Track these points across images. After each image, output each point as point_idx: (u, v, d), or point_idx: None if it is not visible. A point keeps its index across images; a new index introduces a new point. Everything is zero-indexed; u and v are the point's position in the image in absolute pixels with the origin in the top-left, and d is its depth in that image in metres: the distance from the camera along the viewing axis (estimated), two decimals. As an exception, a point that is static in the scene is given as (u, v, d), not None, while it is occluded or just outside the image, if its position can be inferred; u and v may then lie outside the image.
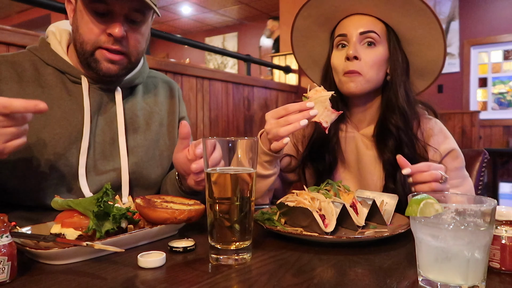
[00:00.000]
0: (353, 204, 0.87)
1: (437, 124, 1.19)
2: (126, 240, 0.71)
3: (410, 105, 1.14)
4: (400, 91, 1.13)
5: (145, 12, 1.01)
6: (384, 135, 1.14)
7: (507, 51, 6.67)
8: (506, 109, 6.70)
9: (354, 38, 1.11)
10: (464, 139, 5.44)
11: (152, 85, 1.22)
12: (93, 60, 1.00)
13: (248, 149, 0.68)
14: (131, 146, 1.10)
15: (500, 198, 5.96)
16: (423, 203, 0.55)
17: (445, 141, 1.16)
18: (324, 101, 0.94)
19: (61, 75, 1.05)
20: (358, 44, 1.11)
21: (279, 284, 0.57)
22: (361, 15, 1.14)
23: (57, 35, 1.08)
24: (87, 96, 1.04)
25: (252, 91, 3.28)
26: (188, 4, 8.34)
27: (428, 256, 0.56)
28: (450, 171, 1.10)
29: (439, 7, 6.97)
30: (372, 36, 1.11)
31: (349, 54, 1.09)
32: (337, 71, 1.15)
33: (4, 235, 0.57)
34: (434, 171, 0.90)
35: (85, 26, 0.98)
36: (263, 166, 1.07)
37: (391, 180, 1.12)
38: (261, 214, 0.91)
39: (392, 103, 1.13)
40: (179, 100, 1.28)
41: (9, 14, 8.54)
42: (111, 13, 0.96)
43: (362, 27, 1.12)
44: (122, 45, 0.99)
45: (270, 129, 0.97)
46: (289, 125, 0.93)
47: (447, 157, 1.14)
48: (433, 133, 1.16)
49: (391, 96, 1.14)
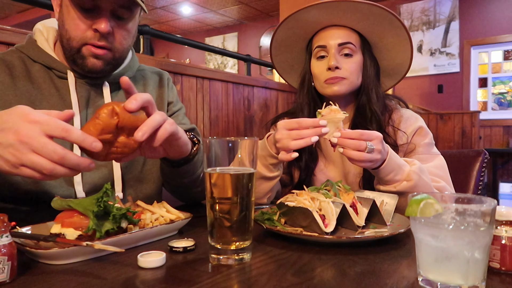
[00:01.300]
0: (353, 204, 0.87)
1: (407, 111, 1.30)
2: (126, 240, 0.71)
3: (381, 104, 1.26)
4: (372, 95, 1.24)
5: (132, 8, 1.00)
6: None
7: (507, 51, 6.67)
8: (506, 109, 6.70)
9: (333, 49, 1.21)
10: (464, 139, 5.44)
11: (141, 77, 1.21)
12: (80, 57, 0.99)
13: (248, 149, 0.68)
14: None
15: (500, 198, 5.97)
16: (423, 203, 0.55)
17: (413, 122, 1.25)
18: (337, 122, 0.96)
19: (48, 71, 1.05)
20: (337, 54, 1.21)
21: (279, 284, 0.57)
22: (338, 27, 1.24)
23: (44, 33, 1.08)
24: (74, 91, 1.04)
25: (252, 91, 3.28)
26: (188, 4, 8.34)
27: (428, 256, 0.56)
28: (419, 146, 1.21)
29: (439, 7, 6.98)
30: (349, 47, 1.22)
31: (331, 65, 1.19)
32: (318, 78, 1.25)
33: (4, 235, 0.57)
34: (358, 141, 0.93)
35: (71, 21, 0.97)
36: (268, 168, 1.11)
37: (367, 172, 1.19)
38: (261, 214, 0.91)
39: (365, 106, 1.24)
40: (168, 86, 1.26)
41: (9, 14, 8.54)
42: (98, 8, 0.95)
43: (340, 38, 1.22)
44: (108, 41, 0.99)
45: (280, 139, 0.98)
46: (301, 140, 0.95)
47: (415, 135, 1.23)
48: (403, 118, 1.26)
49: (364, 99, 1.25)
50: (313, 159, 1.30)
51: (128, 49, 1.09)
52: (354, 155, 0.94)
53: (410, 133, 1.23)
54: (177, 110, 1.26)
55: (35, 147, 0.63)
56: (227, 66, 9.67)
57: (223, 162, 0.68)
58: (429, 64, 7.07)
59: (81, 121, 1.03)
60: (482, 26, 6.61)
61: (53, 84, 1.04)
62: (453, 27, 6.86)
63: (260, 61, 4.90)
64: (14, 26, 2.06)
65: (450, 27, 6.89)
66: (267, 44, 8.84)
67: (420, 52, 7.18)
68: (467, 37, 6.75)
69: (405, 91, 7.22)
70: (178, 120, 1.24)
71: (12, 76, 1.01)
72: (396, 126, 1.25)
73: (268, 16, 8.78)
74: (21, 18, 8.24)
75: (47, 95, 1.02)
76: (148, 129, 0.70)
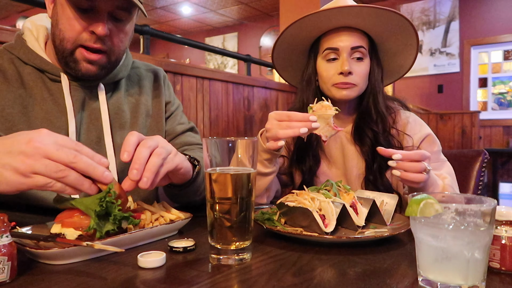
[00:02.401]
0: (353, 204, 0.87)
1: (412, 115, 1.29)
2: (126, 240, 0.71)
3: (386, 107, 1.26)
4: (379, 98, 1.24)
5: (130, 10, 0.96)
6: (361, 136, 1.25)
7: (507, 51, 6.67)
8: (506, 109, 6.70)
9: (345, 53, 1.19)
10: (464, 139, 5.44)
11: (136, 76, 1.17)
12: (73, 60, 0.95)
13: (248, 149, 0.68)
14: (118, 144, 1.04)
15: (500, 198, 5.97)
16: (423, 203, 0.55)
17: (421, 129, 1.25)
18: (327, 118, 0.97)
19: (40, 74, 0.99)
20: (349, 58, 1.19)
21: (279, 284, 0.57)
22: (350, 29, 1.21)
23: (34, 32, 1.03)
24: (68, 94, 0.99)
25: (252, 91, 3.28)
26: (188, 4, 8.34)
27: (428, 256, 0.56)
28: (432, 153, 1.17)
29: (439, 7, 6.98)
30: (361, 51, 1.20)
31: (344, 70, 1.17)
32: (325, 81, 1.23)
33: (4, 235, 0.57)
34: (419, 163, 0.91)
35: (66, 21, 0.91)
36: (263, 164, 1.10)
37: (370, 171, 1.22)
38: (261, 214, 0.91)
39: (371, 108, 1.24)
40: (164, 84, 1.22)
41: (9, 14, 8.53)
42: (95, 9, 0.91)
43: (353, 42, 1.19)
44: (104, 43, 0.94)
45: (270, 129, 1.00)
46: (289, 130, 0.96)
47: (423, 142, 1.22)
48: (408, 121, 1.26)
49: (370, 102, 1.24)
50: (316, 162, 1.30)
51: (124, 51, 1.05)
52: (415, 178, 0.91)
53: (417, 139, 1.22)
54: (175, 110, 1.23)
55: (49, 151, 0.63)
56: (227, 66, 9.67)
57: (223, 162, 0.68)
58: (429, 64, 7.07)
59: (76, 125, 0.99)
60: (482, 26, 6.61)
61: (46, 88, 0.99)
62: (453, 27, 6.86)
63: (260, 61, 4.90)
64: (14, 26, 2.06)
65: (450, 27, 6.89)
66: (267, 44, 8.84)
67: (420, 52, 7.13)
68: (467, 37, 6.75)
69: (405, 91, 7.22)
70: (177, 120, 1.22)
71: (4, 79, 0.96)
72: (401, 129, 1.25)
73: (268, 16, 8.78)
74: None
75: (40, 100, 0.97)
76: (150, 175, 0.73)
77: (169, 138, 1.19)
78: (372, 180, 1.21)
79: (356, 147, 1.26)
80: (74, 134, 0.98)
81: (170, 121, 1.21)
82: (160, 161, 0.75)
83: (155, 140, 0.77)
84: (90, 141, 1.02)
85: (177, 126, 1.21)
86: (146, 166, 0.73)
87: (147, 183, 0.72)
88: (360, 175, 1.25)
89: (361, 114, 1.26)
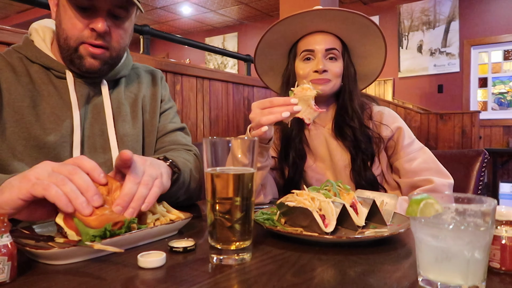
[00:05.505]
0: (353, 204, 0.87)
1: (385, 108, 1.41)
2: (126, 240, 0.71)
3: (360, 104, 1.37)
4: (353, 96, 1.35)
5: (128, 8, 1.01)
6: (341, 131, 1.35)
7: (507, 51, 6.67)
8: (506, 109, 6.71)
9: (320, 53, 1.31)
10: (464, 139, 5.44)
11: (135, 75, 1.24)
12: (77, 57, 1.01)
13: (248, 149, 0.68)
14: (120, 135, 1.11)
15: (500, 198, 5.97)
16: (423, 203, 0.55)
17: (393, 121, 1.36)
18: (307, 100, 1.00)
19: (46, 71, 1.06)
20: (324, 58, 1.31)
21: (279, 284, 0.57)
22: (324, 33, 1.34)
23: (40, 33, 1.09)
24: (73, 90, 1.05)
25: (252, 91, 3.28)
26: (188, 4, 8.34)
27: (428, 256, 0.56)
28: (402, 148, 1.31)
29: (439, 7, 6.98)
30: (334, 52, 1.33)
31: (319, 69, 1.29)
32: (303, 79, 1.32)
33: (4, 235, 0.57)
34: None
35: (68, 21, 0.98)
36: None
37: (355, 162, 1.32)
38: (261, 214, 0.91)
39: (346, 105, 1.35)
40: (161, 85, 1.29)
41: (9, 14, 8.54)
42: (94, 8, 0.97)
43: (327, 44, 1.32)
44: (104, 40, 1.00)
45: (254, 118, 1.04)
46: (271, 115, 1.00)
47: (395, 134, 1.33)
48: (384, 113, 1.37)
49: (346, 101, 1.36)
50: (301, 157, 1.37)
51: (125, 48, 1.11)
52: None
53: (393, 128, 1.33)
54: (169, 108, 1.29)
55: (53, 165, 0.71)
56: (227, 66, 9.68)
57: (223, 162, 0.68)
58: (429, 64, 7.08)
59: (80, 118, 1.05)
60: (482, 26, 6.61)
61: (52, 84, 1.05)
62: (453, 27, 6.86)
63: (260, 61, 4.89)
64: (14, 26, 2.06)
65: (450, 27, 6.89)
66: (267, 44, 8.84)
67: (420, 52, 7.18)
68: (467, 37, 6.75)
69: (405, 91, 7.23)
70: (169, 119, 1.27)
71: (15, 75, 1.02)
72: (378, 121, 1.36)
73: (268, 16, 8.78)
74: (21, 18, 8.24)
75: (47, 96, 1.03)
76: (136, 206, 0.76)
77: (159, 135, 1.23)
78: (358, 171, 1.31)
79: (338, 141, 1.36)
80: (79, 127, 1.04)
81: (163, 118, 1.26)
82: (147, 191, 0.78)
83: (141, 170, 0.80)
84: (93, 133, 1.08)
85: (169, 124, 1.26)
86: (134, 197, 0.76)
87: (132, 213, 0.75)
88: (346, 166, 1.34)
89: (339, 111, 1.37)
